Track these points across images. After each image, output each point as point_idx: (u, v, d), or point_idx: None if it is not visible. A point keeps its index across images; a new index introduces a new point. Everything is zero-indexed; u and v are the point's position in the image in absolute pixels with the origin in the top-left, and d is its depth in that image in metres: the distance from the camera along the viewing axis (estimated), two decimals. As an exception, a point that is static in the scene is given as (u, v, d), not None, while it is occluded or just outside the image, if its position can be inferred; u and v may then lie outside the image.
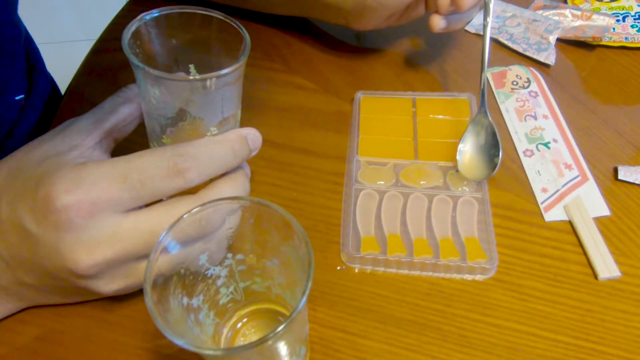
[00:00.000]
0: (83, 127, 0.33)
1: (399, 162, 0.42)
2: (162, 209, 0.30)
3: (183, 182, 0.29)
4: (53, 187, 0.28)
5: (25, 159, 0.32)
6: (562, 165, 0.42)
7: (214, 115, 0.33)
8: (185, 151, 0.29)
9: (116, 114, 0.33)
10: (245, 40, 0.32)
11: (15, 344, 0.33)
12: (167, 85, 0.31)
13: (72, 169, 0.29)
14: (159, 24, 0.32)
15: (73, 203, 0.27)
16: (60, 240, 0.28)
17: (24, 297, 0.33)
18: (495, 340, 0.33)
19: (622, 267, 0.36)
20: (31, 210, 0.28)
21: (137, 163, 0.29)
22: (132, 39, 0.31)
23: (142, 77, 0.31)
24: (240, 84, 0.33)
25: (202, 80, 0.30)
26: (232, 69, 0.30)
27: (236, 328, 0.32)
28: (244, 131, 0.32)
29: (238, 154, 0.32)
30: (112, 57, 0.51)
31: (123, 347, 0.33)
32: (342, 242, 0.38)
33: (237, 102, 0.34)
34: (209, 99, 0.31)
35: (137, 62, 0.29)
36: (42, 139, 0.33)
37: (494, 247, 0.36)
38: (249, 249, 0.29)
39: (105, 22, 0.56)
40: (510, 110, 0.46)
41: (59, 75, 0.60)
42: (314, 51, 0.52)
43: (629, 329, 0.33)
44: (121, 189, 0.28)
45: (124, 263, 0.30)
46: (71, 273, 0.29)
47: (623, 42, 0.50)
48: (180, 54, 0.34)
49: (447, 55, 0.51)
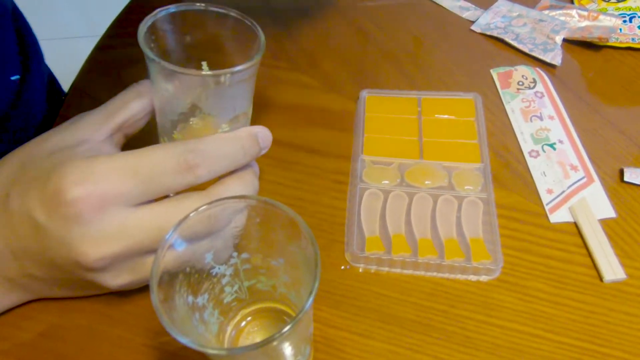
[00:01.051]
0: (94, 121, 0.33)
1: (404, 162, 0.41)
2: (170, 204, 0.30)
3: (193, 178, 0.29)
4: (63, 180, 0.28)
5: (35, 151, 0.32)
6: (568, 167, 0.41)
7: (226, 112, 0.33)
8: (195, 147, 0.29)
9: (127, 109, 0.33)
10: (259, 38, 0.32)
11: (17, 340, 0.33)
12: (180, 80, 0.31)
13: (82, 161, 0.29)
14: (175, 20, 0.32)
15: (83, 196, 0.27)
16: (69, 232, 0.28)
17: (30, 289, 0.33)
18: (499, 341, 0.33)
19: (628, 270, 0.36)
20: (41, 202, 0.28)
21: (148, 158, 0.29)
22: (148, 33, 0.31)
23: (155, 71, 0.31)
24: (253, 82, 0.33)
25: (216, 76, 0.30)
26: (247, 66, 0.30)
27: (240, 327, 0.32)
28: (254, 129, 0.32)
29: (248, 151, 0.32)
30: (116, 54, 0.51)
31: (126, 343, 0.33)
32: (347, 242, 0.38)
33: (249, 99, 0.34)
34: (221, 96, 0.31)
35: (152, 55, 0.29)
36: (53, 132, 0.33)
37: (499, 248, 0.36)
38: (254, 248, 0.29)
39: (107, 19, 0.56)
40: (515, 110, 0.46)
41: (61, 71, 0.60)
42: (319, 50, 0.52)
43: (634, 332, 0.33)
44: (131, 183, 0.28)
45: (131, 257, 0.30)
46: (79, 266, 0.29)
47: (630, 43, 0.50)
48: (193, 51, 0.34)
49: (453, 55, 0.51)
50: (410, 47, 0.52)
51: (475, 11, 0.55)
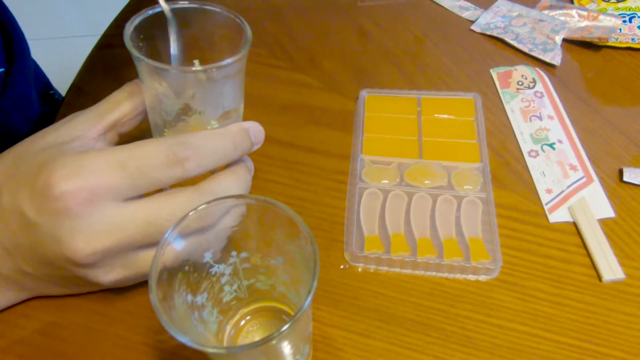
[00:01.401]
0: (87, 119, 0.33)
1: (404, 161, 0.41)
2: (161, 198, 0.30)
3: (181, 172, 0.29)
4: (52, 174, 0.28)
5: (29, 148, 0.32)
6: (567, 167, 0.41)
7: (215, 109, 0.33)
8: (185, 140, 0.29)
9: (120, 108, 0.33)
10: (246, 33, 0.31)
11: (16, 337, 0.33)
12: (167, 77, 0.31)
13: (71, 156, 0.29)
14: (162, 19, 0.32)
15: (71, 190, 0.27)
16: (59, 227, 0.28)
17: (25, 286, 0.33)
18: (498, 341, 0.33)
19: (626, 270, 0.36)
20: (31, 197, 0.28)
21: (137, 152, 0.29)
22: (135, 33, 0.31)
23: (143, 69, 0.31)
24: (242, 77, 0.33)
25: (202, 71, 0.30)
26: (233, 60, 0.30)
27: (239, 326, 0.32)
28: (246, 124, 0.32)
29: (239, 146, 0.32)
30: (116, 53, 0.51)
31: (125, 342, 0.33)
32: (346, 241, 0.38)
33: (238, 95, 0.34)
34: (209, 92, 0.31)
35: (137, 54, 0.29)
36: (47, 130, 0.33)
37: (498, 248, 0.36)
38: (253, 247, 0.29)
39: (107, 18, 0.56)
40: (515, 110, 0.46)
41: (61, 70, 0.60)
42: (319, 49, 0.52)
43: (633, 331, 0.33)
44: (120, 176, 0.28)
45: (123, 252, 0.30)
46: (70, 261, 0.29)
47: (629, 43, 0.50)
48: (184, 49, 0.34)
49: (453, 55, 0.51)
50: (410, 47, 0.52)
51: (475, 11, 0.55)
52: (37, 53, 0.52)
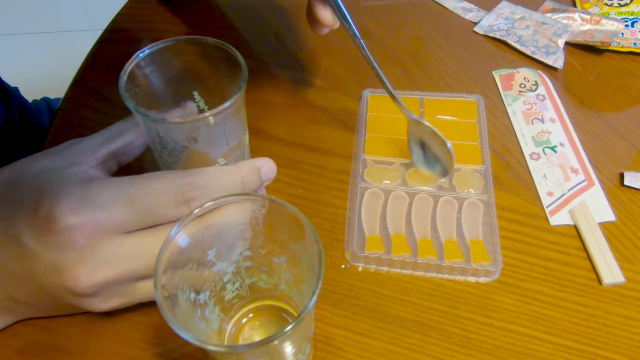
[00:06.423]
0: (88, 146, 0.32)
1: (406, 162, 0.41)
2: (165, 231, 0.29)
3: (187, 210, 0.29)
4: (57, 205, 0.27)
5: (23, 171, 0.31)
6: (569, 170, 0.41)
7: (220, 147, 0.33)
8: (193, 180, 0.29)
9: (123, 138, 0.33)
10: (242, 69, 0.31)
11: (15, 335, 0.33)
12: (166, 127, 0.30)
13: (77, 185, 0.28)
14: (154, 59, 0.32)
15: (78, 224, 0.27)
16: (61, 258, 0.27)
17: (15, 311, 0.32)
18: (498, 342, 0.33)
19: (627, 273, 0.36)
20: (31, 226, 0.28)
21: (145, 188, 0.29)
22: (129, 80, 0.30)
23: (141, 121, 0.31)
24: (242, 112, 0.33)
25: (203, 118, 0.29)
26: (230, 102, 0.29)
27: (241, 324, 0.32)
28: (258, 162, 0.32)
29: (247, 185, 0.31)
30: (118, 48, 0.51)
31: (126, 339, 0.33)
32: (347, 241, 0.38)
33: (241, 130, 0.34)
34: (211, 134, 0.31)
35: (134, 107, 0.29)
36: (43, 154, 0.32)
37: (499, 250, 0.36)
38: (256, 246, 0.29)
39: (107, 12, 0.56)
40: (517, 112, 0.46)
41: (60, 64, 0.60)
42: (322, 48, 0.52)
43: (632, 335, 0.33)
44: (127, 212, 0.28)
45: (123, 283, 0.29)
46: (69, 291, 0.28)
47: (631, 48, 0.50)
48: (181, 82, 0.34)
49: (455, 56, 0.51)
50: (413, 48, 0.52)
51: (478, 12, 0.55)
52: (37, 47, 0.52)
